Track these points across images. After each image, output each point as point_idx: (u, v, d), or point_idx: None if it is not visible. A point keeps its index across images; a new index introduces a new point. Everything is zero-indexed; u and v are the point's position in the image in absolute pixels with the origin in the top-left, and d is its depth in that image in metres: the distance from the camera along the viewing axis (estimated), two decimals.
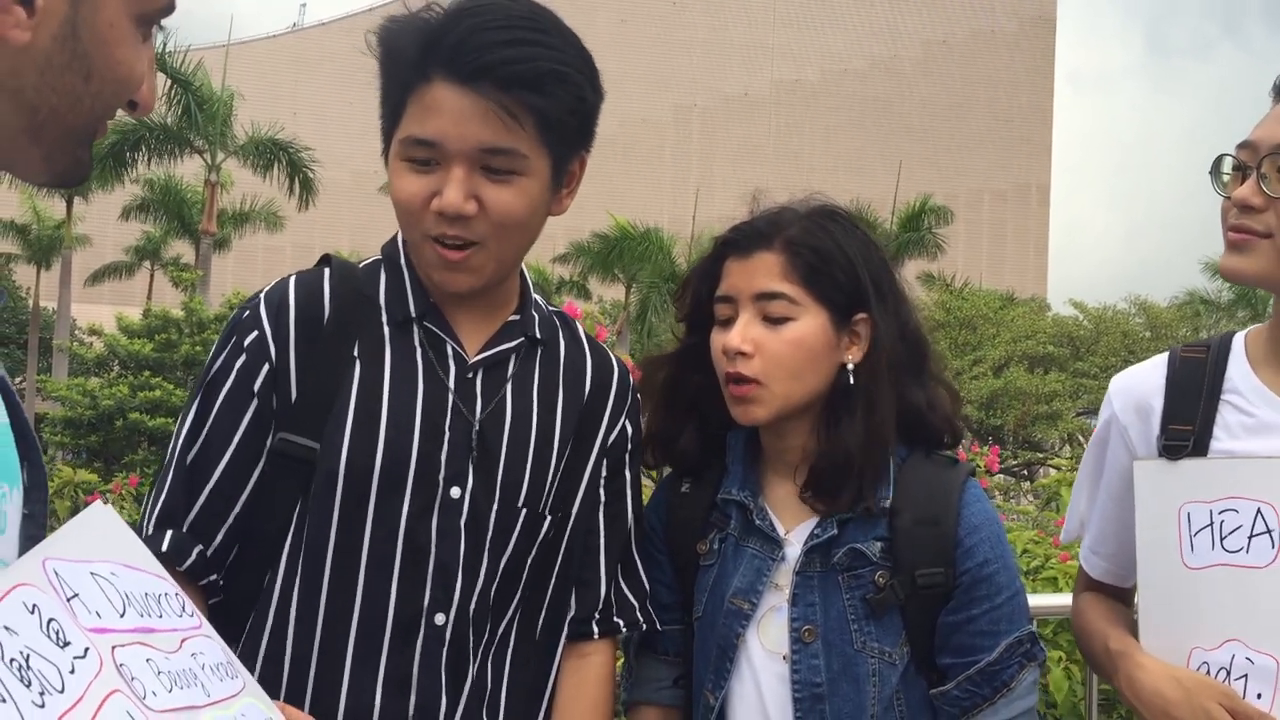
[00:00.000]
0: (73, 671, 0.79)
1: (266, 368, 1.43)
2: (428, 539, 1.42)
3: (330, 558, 1.41)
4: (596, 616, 1.57)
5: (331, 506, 1.41)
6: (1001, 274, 54.22)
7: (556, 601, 1.55)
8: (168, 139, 22.58)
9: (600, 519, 1.58)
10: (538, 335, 1.54)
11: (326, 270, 1.50)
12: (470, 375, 1.47)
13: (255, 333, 1.44)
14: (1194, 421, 1.54)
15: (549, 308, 1.62)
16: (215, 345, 1.48)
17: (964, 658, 1.50)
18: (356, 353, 1.44)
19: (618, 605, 1.59)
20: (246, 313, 1.47)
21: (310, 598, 1.42)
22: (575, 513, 1.54)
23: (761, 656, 1.53)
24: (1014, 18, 64.09)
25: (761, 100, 61.60)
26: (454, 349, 1.48)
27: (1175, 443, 1.53)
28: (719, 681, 1.55)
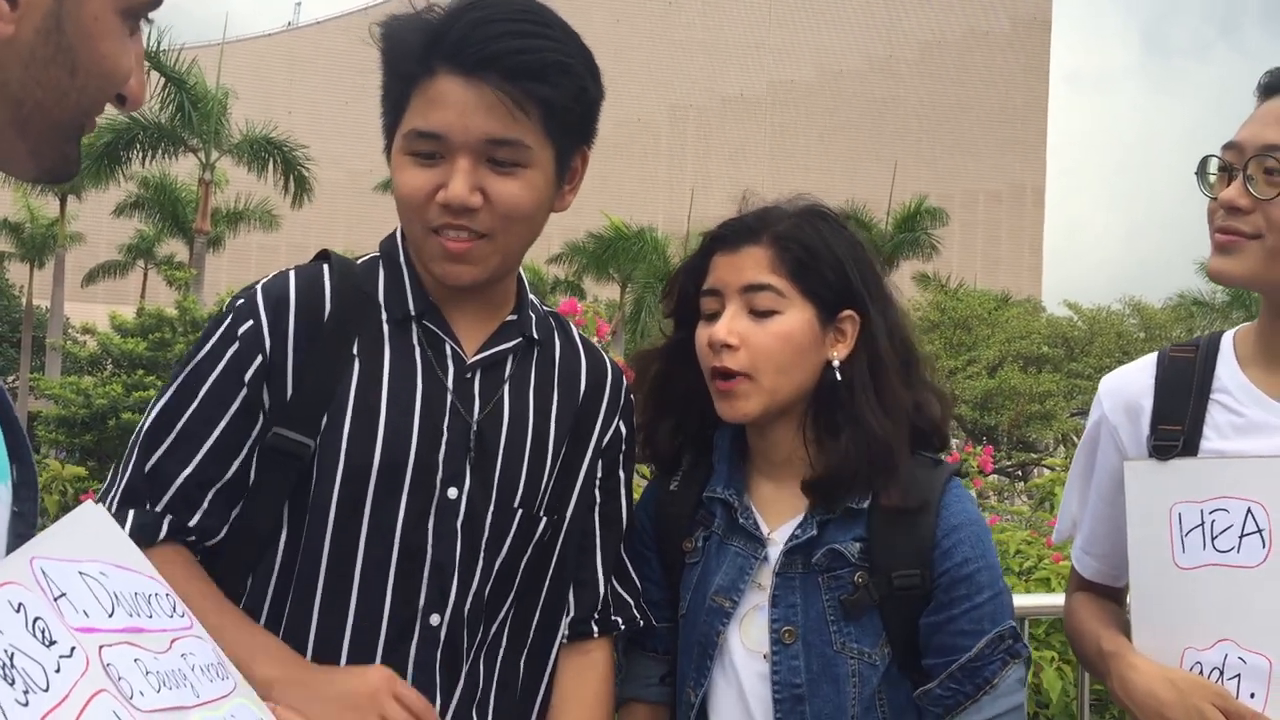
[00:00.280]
0: (58, 671, 0.79)
1: (260, 359, 1.40)
2: (424, 539, 1.41)
3: (326, 558, 1.40)
4: (595, 616, 1.57)
5: (329, 505, 1.39)
6: (996, 275, 54.36)
7: (551, 603, 1.54)
8: (161, 137, 22.54)
9: (596, 519, 1.59)
10: (535, 336, 1.54)
11: (326, 266, 1.49)
12: (468, 375, 1.47)
13: (250, 323, 1.42)
14: (1184, 421, 1.54)
15: (544, 308, 1.62)
16: (204, 331, 1.46)
17: (946, 657, 1.49)
18: (356, 350, 1.43)
19: (615, 604, 1.59)
20: (241, 301, 1.45)
21: (305, 598, 1.40)
22: (570, 514, 1.54)
23: (743, 655, 1.53)
24: (1009, 19, 64.21)
25: (757, 100, 61.64)
26: (453, 348, 1.47)
27: (1165, 443, 1.53)
28: (699, 679, 1.56)
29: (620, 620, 1.59)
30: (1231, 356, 1.57)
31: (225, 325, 1.43)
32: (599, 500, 1.59)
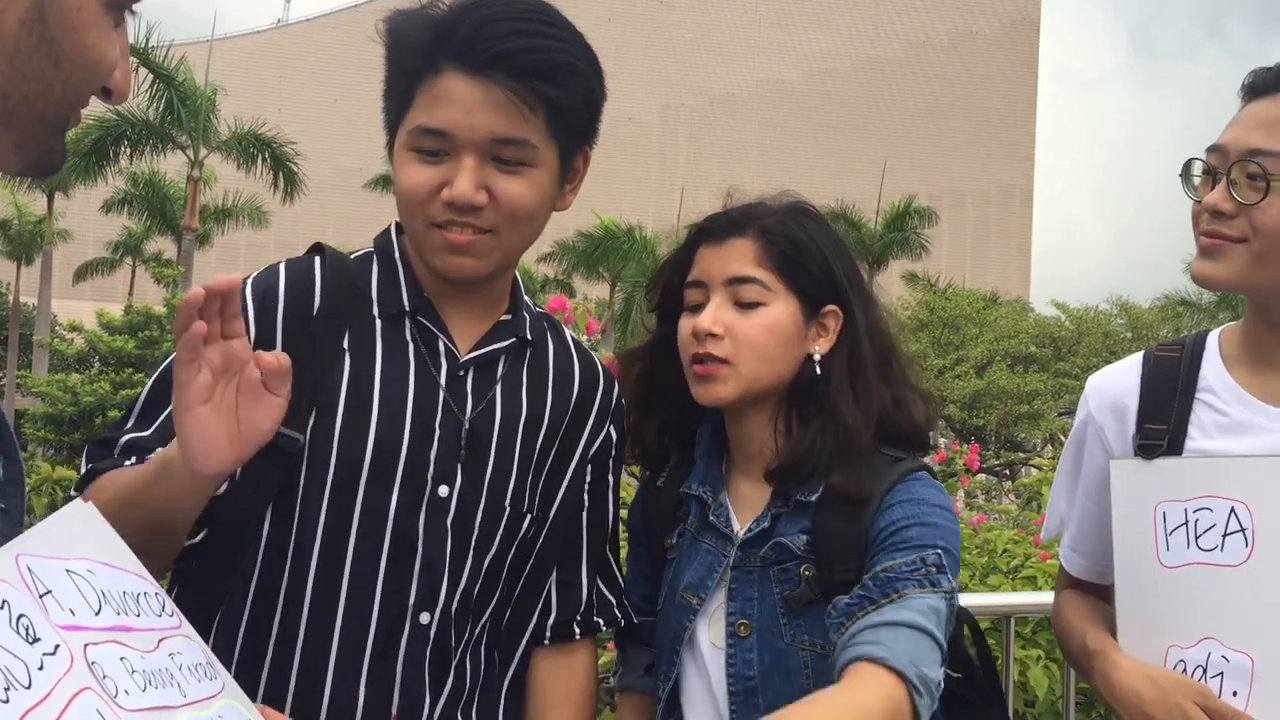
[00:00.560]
0: (41, 668, 0.79)
1: None
2: (414, 537, 1.41)
3: (316, 556, 1.38)
4: (578, 618, 1.58)
5: (319, 503, 1.38)
6: (985, 274, 54.50)
7: (523, 602, 1.54)
8: (150, 134, 22.44)
9: (584, 522, 1.59)
10: (529, 337, 1.53)
11: (318, 259, 1.47)
12: (461, 373, 1.46)
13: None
14: (1168, 421, 1.54)
15: (536, 309, 1.61)
16: None
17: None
18: (346, 344, 1.42)
19: (598, 605, 1.60)
20: None
21: (295, 598, 1.38)
22: (554, 514, 1.54)
23: (710, 650, 1.53)
24: (997, 19, 64.35)
25: (747, 100, 61.68)
26: (446, 345, 1.46)
27: (1150, 442, 1.54)
28: (668, 673, 1.57)
29: (602, 621, 1.60)
30: (1217, 356, 1.57)
31: None
32: (587, 504, 1.59)
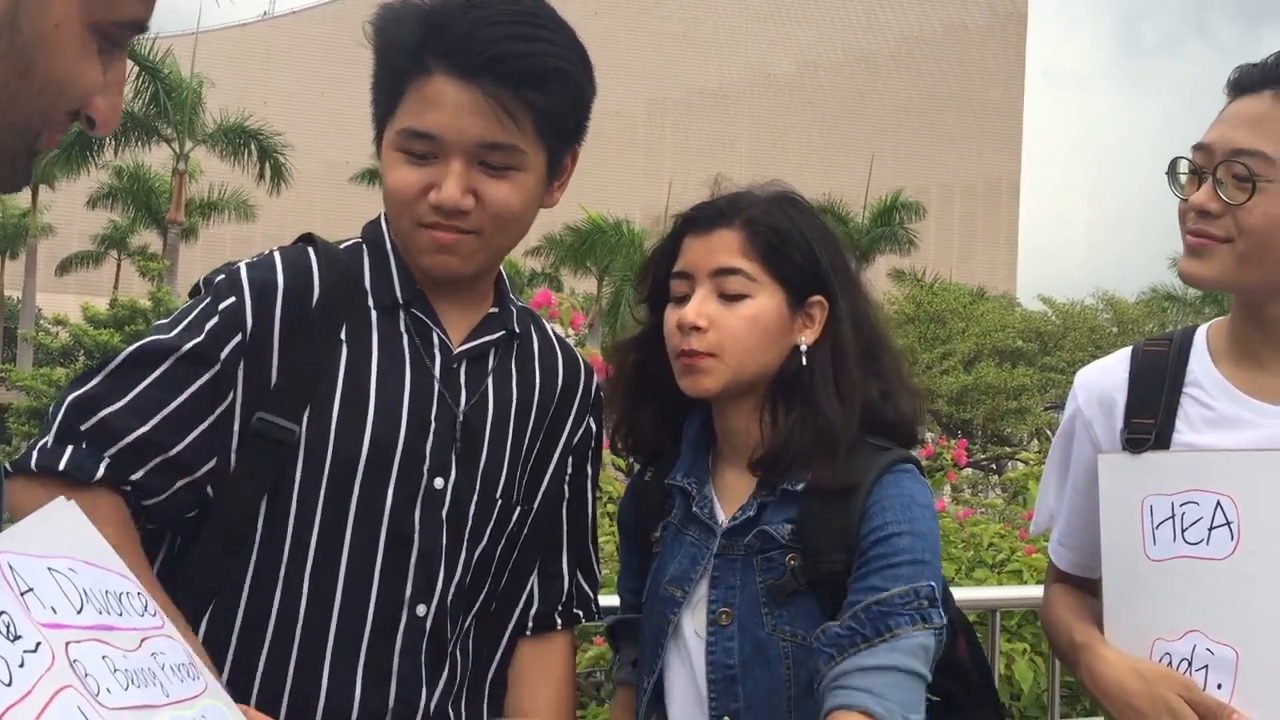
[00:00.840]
0: (22, 665, 0.78)
1: (239, 338, 1.36)
2: (410, 530, 1.41)
3: (313, 550, 1.38)
4: (559, 609, 1.59)
5: (316, 495, 1.38)
6: (972, 269, 54.67)
7: (507, 594, 1.55)
8: (135, 126, 22.34)
9: (564, 514, 1.60)
10: (516, 329, 1.54)
11: (312, 249, 1.46)
12: (455, 365, 1.47)
13: (233, 299, 1.37)
14: (1156, 415, 1.55)
15: (518, 303, 1.62)
16: (180, 309, 1.41)
17: (854, 598, 1.42)
18: (343, 335, 1.42)
19: (579, 597, 1.62)
20: (222, 278, 1.40)
21: (292, 591, 1.38)
22: (537, 505, 1.55)
23: (694, 642, 1.53)
24: (986, 13, 64.49)
25: (734, 93, 61.69)
26: (440, 338, 1.46)
27: (1138, 436, 1.54)
28: (651, 666, 1.57)
29: (581, 614, 1.61)
30: (1205, 351, 1.58)
31: (205, 301, 1.39)
32: (567, 495, 1.60)
